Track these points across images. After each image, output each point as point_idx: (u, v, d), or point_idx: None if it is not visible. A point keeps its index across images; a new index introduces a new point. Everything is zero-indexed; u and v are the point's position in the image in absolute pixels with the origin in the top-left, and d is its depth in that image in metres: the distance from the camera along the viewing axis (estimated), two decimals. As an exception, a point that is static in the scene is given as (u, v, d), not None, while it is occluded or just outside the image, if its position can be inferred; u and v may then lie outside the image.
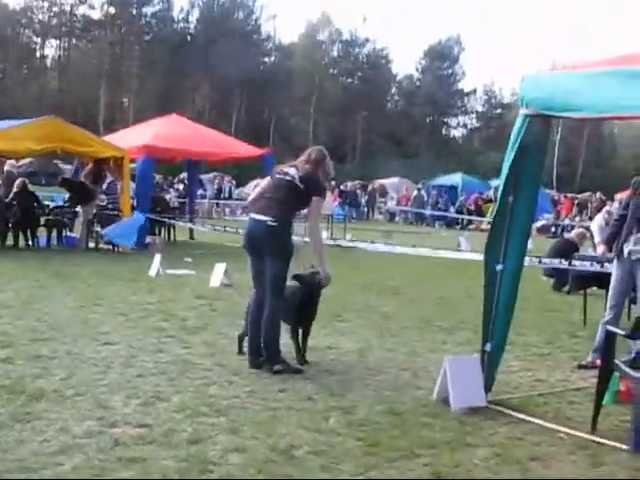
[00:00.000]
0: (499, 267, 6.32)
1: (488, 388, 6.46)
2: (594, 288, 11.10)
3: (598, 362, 7.43)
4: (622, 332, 5.94)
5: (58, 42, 73.69)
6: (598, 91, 5.55)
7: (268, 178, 7.53)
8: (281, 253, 7.06)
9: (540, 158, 6.48)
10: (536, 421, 5.97)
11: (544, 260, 11.82)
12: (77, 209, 18.79)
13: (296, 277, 7.41)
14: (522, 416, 6.09)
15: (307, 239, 7.55)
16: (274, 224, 7.01)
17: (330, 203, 25.15)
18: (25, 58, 70.56)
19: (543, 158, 6.66)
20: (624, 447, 5.40)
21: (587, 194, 41.91)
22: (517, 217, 6.34)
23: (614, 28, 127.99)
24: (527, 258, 7.76)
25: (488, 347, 6.47)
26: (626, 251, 7.73)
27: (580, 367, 7.87)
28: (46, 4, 70.56)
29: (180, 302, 10.91)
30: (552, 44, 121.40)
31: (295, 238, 7.38)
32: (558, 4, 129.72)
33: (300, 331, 7.56)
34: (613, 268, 7.99)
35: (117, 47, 71.47)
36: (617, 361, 5.88)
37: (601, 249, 8.57)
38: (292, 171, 7.23)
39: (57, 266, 14.15)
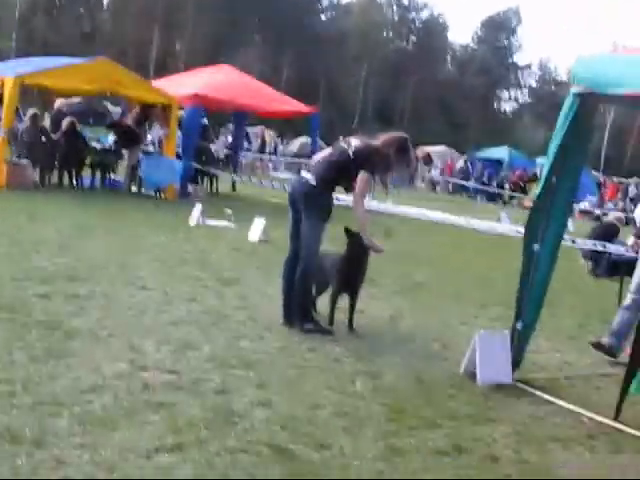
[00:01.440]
0: (536, 246, 6.31)
1: (516, 366, 6.48)
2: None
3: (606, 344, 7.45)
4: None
5: (115, -17, 73.63)
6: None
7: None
8: (315, 213, 7.06)
9: (587, 138, 6.45)
10: (560, 403, 5.99)
11: (578, 241, 11.72)
12: (122, 152, 18.92)
13: (347, 231, 7.37)
14: (547, 397, 6.11)
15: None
16: (313, 183, 7.05)
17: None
18: (82, -4, 70.61)
19: (590, 138, 6.61)
20: (646, 436, 5.41)
21: (633, 179, 41.34)
22: (558, 197, 6.31)
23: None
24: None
25: (519, 325, 6.47)
26: None
27: (593, 345, 7.69)
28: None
29: (217, 253, 11.01)
30: (614, 25, 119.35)
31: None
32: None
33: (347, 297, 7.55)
34: None
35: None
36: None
37: (631, 240, 8.31)
38: (355, 142, 7.19)
39: (99, 208, 14.34)
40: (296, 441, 4.56)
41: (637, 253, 8.66)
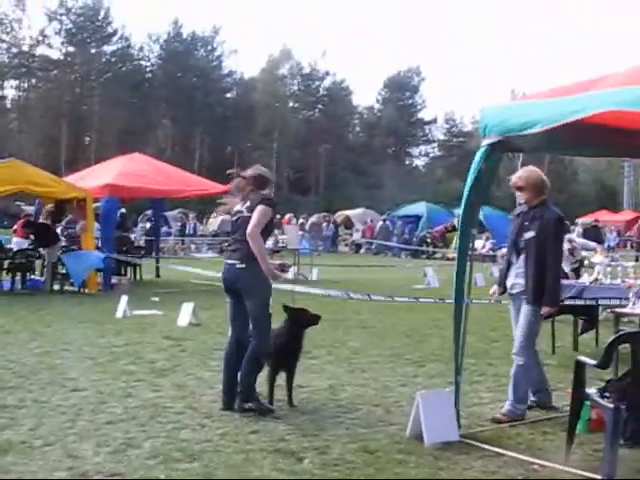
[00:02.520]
0: (467, 299, 6.35)
1: (459, 421, 6.45)
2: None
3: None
4: (592, 362, 5.96)
5: (17, 83, 73.40)
6: (550, 108, 5.81)
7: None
8: (256, 293, 6.99)
9: (489, 185, 6.58)
10: (509, 453, 5.97)
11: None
12: (41, 251, 18.58)
13: (286, 308, 7.38)
14: (495, 449, 6.08)
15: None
16: (242, 266, 6.98)
17: (295, 236, 25.12)
18: (-17, 100, 70.14)
19: (491, 185, 6.74)
20: (597, 477, 5.40)
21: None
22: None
23: (573, 55, 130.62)
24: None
25: (460, 379, 6.46)
26: (508, 285, 7.35)
27: (494, 421, 7.03)
28: (4, 45, 70.26)
29: (148, 344, 10.80)
30: (510, 72, 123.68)
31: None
32: (518, 33, 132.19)
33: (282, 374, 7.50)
34: (510, 309, 7.54)
35: (77, 86, 71.32)
36: (588, 390, 5.90)
37: (492, 289, 7.95)
38: (243, 207, 7.19)
39: (22, 311, 13.98)
40: (250, 531, 4.45)
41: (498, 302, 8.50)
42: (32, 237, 18.86)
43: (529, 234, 7.04)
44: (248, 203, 7.17)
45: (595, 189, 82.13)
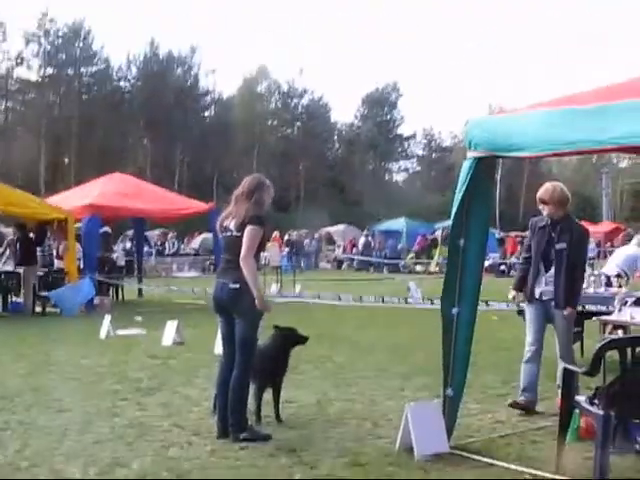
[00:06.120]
0: (454, 310, 6.34)
1: (449, 433, 6.43)
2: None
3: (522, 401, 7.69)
4: (580, 370, 5.97)
5: (-6, 105, 72.89)
6: (538, 130, 5.75)
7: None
8: (248, 313, 6.72)
9: (488, 199, 6.58)
10: (500, 464, 5.95)
11: (491, 303, 11.98)
12: (19, 271, 18.38)
13: (276, 327, 7.50)
14: (486, 460, 6.06)
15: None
16: (236, 286, 6.71)
17: (277, 254, 25.12)
18: (-39, 122, 69.67)
19: (490, 199, 6.76)
20: (589, 485, 5.40)
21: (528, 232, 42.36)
22: (468, 259, 6.38)
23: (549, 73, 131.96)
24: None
25: (449, 392, 6.44)
26: (537, 292, 7.82)
27: (510, 405, 7.78)
28: (-20, 67, 69.82)
29: (133, 363, 10.74)
30: (487, 88, 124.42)
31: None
32: (493, 50, 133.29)
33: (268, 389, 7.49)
34: (526, 310, 8.02)
35: (55, 108, 70.99)
36: (577, 398, 5.90)
37: (512, 294, 8.40)
38: (231, 223, 6.86)
39: (4, 333, 13.87)
40: None
41: (518, 307, 8.97)
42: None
43: (560, 245, 7.67)
44: (235, 219, 6.82)
45: (574, 201, 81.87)
